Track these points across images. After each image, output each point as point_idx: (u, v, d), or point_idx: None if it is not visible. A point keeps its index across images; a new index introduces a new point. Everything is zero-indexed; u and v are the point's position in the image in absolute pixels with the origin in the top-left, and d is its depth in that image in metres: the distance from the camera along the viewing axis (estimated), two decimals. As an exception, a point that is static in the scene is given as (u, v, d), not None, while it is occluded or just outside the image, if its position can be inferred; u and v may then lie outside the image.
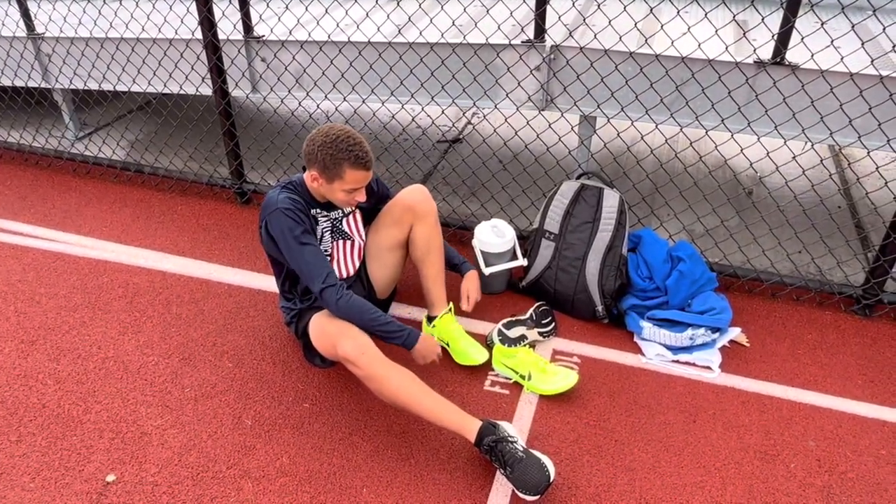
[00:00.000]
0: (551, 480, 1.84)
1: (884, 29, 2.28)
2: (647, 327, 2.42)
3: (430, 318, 2.44)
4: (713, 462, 2.02)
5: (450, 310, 2.40)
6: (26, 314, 2.59)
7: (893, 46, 2.31)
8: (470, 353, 2.32)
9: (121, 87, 3.42)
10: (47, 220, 3.21)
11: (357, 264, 2.33)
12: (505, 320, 2.44)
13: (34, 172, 3.66)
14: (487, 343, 2.42)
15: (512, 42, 2.66)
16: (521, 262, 2.59)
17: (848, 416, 2.18)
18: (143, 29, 3.24)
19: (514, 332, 2.39)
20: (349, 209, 2.26)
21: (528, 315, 2.45)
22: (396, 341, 2.07)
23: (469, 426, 1.92)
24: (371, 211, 2.39)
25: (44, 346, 2.44)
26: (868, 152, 2.43)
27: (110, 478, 1.95)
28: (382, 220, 2.34)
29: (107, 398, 2.22)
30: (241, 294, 2.71)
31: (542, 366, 2.24)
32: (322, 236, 2.20)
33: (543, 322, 2.44)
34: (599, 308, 2.52)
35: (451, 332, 2.37)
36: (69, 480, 1.94)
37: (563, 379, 2.20)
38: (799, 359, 2.41)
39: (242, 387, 2.27)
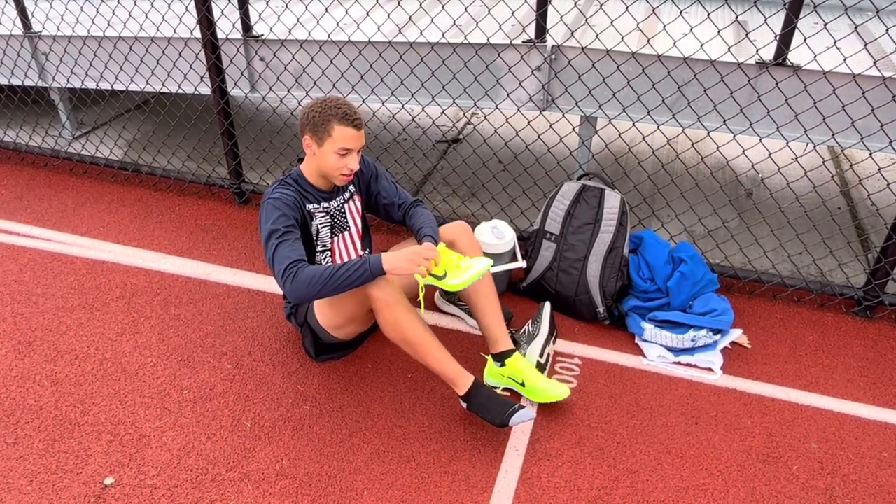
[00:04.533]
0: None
1: (886, 30, 2.27)
2: (649, 329, 2.41)
3: (497, 357, 2.21)
4: (715, 464, 2.01)
5: (515, 344, 2.27)
6: (23, 315, 2.57)
7: (896, 48, 2.30)
8: (551, 389, 2.14)
9: (118, 86, 3.40)
10: (44, 219, 3.19)
11: (361, 253, 2.33)
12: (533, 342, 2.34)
13: (31, 172, 3.64)
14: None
15: (513, 42, 2.65)
16: (521, 263, 2.57)
17: (850, 418, 2.18)
18: (140, 27, 3.22)
19: (544, 355, 2.32)
20: (348, 193, 2.25)
21: (542, 330, 2.35)
22: (365, 275, 1.92)
23: (462, 381, 2.04)
24: (369, 202, 2.34)
25: (41, 347, 2.42)
26: (870, 154, 2.42)
27: (108, 480, 1.94)
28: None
29: (104, 400, 2.20)
30: (240, 295, 2.69)
31: (456, 262, 2.06)
32: (319, 232, 2.19)
33: (555, 331, 2.42)
34: (601, 309, 2.51)
35: (524, 371, 2.17)
36: (67, 483, 1.93)
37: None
38: (800, 360, 2.40)
39: (241, 388, 2.25)
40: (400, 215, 2.29)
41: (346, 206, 2.25)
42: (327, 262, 2.26)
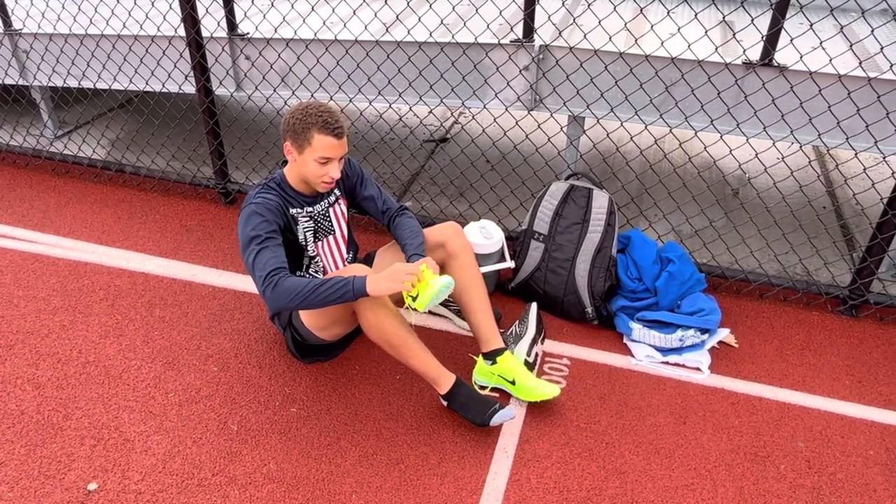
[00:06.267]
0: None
1: (872, 31, 2.29)
2: (637, 329, 2.41)
3: (488, 355, 2.21)
4: (704, 464, 2.02)
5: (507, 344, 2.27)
6: (3, 317, 2.52)
7: (881, 49, 2.32)
8: (541, 388, 2.13)
9: (101, 85, 3.35)
10: (25, 220, 3.14)
11: (346, 257, 2.30)
12: (521, 342, 2.34)
13: (12, 172, 3.58)
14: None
15: (501, 41, 2.64)
16: (509, 263, 2.57)
17: (836, 416, 2.19)
18: (124, 25, 3.18)
19: (532, 354, 2.33)
20: (333, 197, 2.23)
21: (529, 329, 2.36)
22: (347, 296, 1.89)
23: (444, 380, 2.07)
24: (353, 205, 2.32)
25: (22, 350, 2.37)
26: (855, 154, 2.44)
27: (92, 486, 1.90)
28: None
29: (88, 404, 2.16)
30: (226, 296, 2.66)
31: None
32: (304, 237, 2.17)
33: (543, 331, 2.42)
34: (589, 310, 2.51)
35: (514, 369, 2.17)
36: (49, 489, 1.89)
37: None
38: (787, 359, 2.41)
39: (228, 391, 2.22)
40: (384, 222, 2.28)
41: (330, 210, 2.23)
42: (315, 267, 2.25)
